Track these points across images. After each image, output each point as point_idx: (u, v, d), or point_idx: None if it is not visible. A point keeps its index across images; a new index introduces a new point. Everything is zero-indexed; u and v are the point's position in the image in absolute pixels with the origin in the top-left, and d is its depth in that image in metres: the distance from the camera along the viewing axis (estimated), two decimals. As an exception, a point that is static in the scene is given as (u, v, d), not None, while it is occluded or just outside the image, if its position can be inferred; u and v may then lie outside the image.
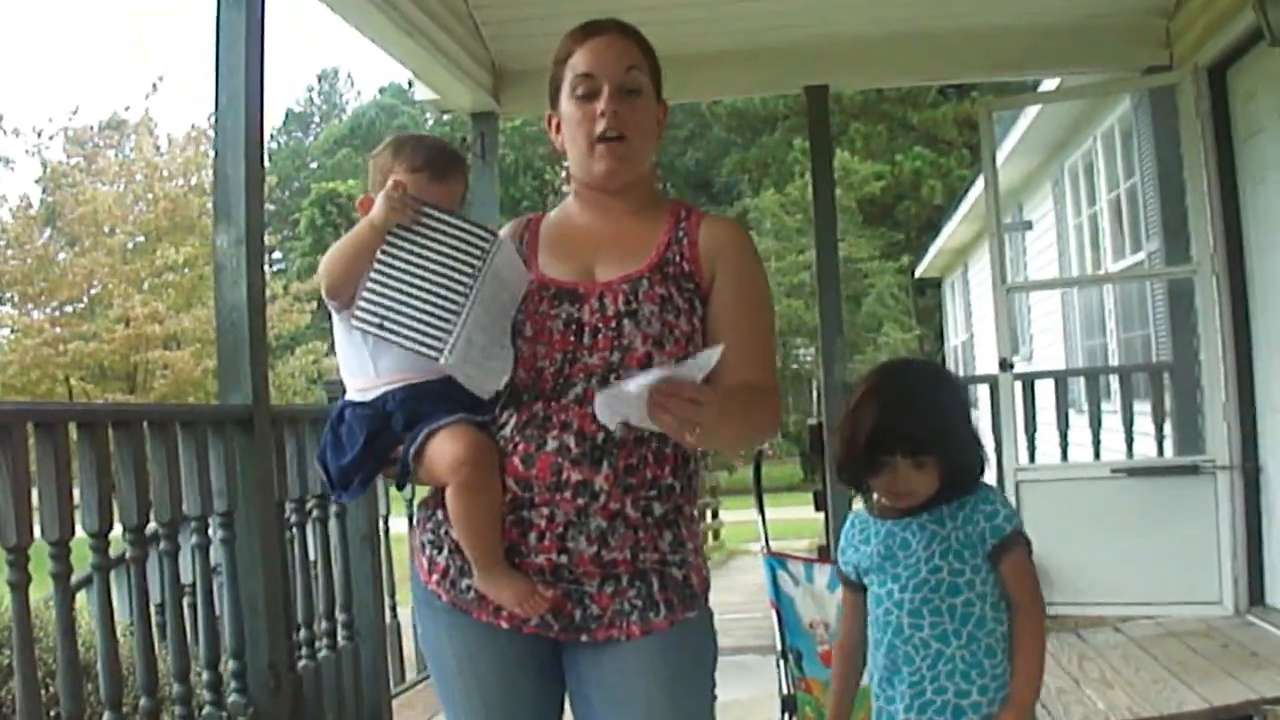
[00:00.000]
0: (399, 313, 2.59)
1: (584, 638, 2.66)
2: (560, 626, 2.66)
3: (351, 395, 2.75)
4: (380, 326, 2.60)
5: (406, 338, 2.58)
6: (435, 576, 2.75)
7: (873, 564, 3.13)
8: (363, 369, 2.72)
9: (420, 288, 2.60)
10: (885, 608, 3.10)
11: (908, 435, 3.01)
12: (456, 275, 2.59)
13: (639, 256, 2.73)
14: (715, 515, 20.42)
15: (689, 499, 2.73)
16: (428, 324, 2.58)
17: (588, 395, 2.58)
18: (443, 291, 2.59)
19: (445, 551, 2.73)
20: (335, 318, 2.75)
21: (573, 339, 2.64)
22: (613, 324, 2.64)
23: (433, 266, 2.61)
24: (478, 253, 2.61)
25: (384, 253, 2.62)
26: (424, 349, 2.58)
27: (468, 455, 2.58)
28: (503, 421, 2.67)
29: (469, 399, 2.67)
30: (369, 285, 2.61)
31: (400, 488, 2.88)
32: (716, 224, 2.82)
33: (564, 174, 2.90)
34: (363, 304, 2.61)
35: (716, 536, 20.27)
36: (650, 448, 2.62)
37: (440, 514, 2.73)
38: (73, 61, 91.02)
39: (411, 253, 2.62)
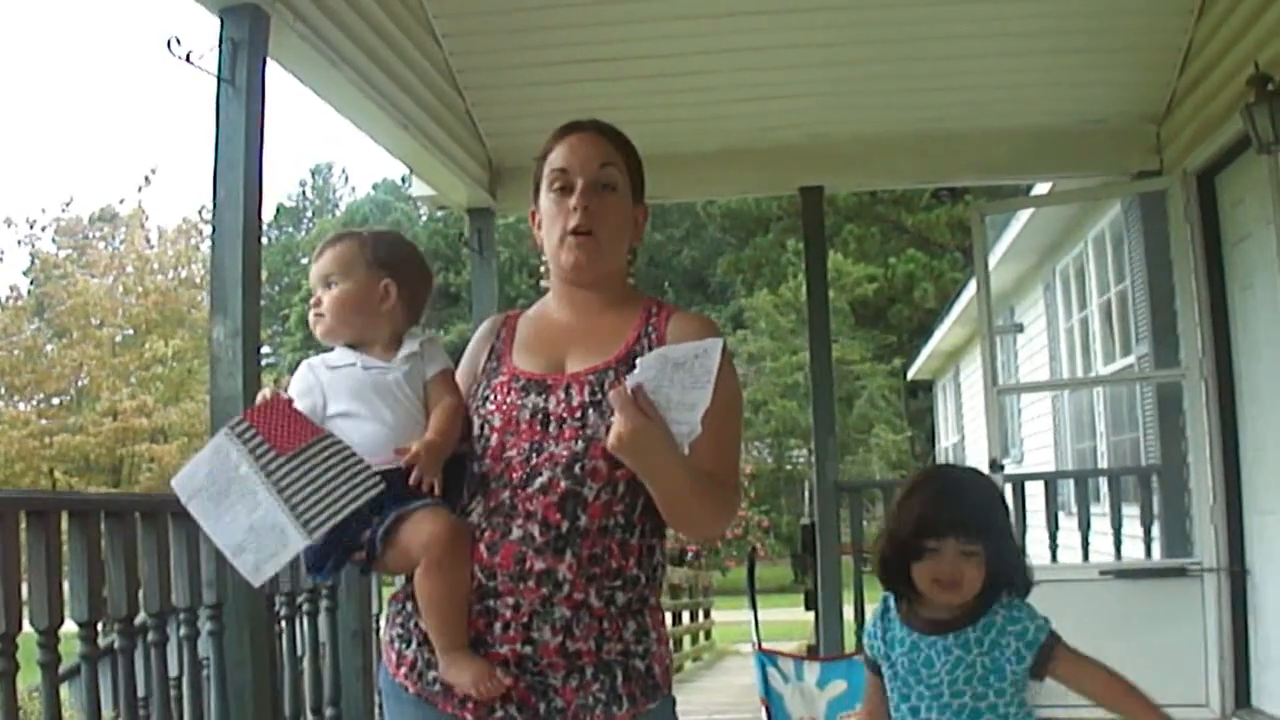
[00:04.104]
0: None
1: None
2: (524, 719, 2.66)
3: None
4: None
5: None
6: (404, 669, 2.77)
7: (895, 672, 3.16)
8: None
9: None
10: None
11: (959, 519, 3.07)
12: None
13: (608, 349, 2.77)
14: (707, 615, 20.33)
15: (654, 589, 2.75)
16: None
17: (553, 485, 2.62)
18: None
19: (413, 644, 2.75)
20: None
21: (539, 429, 2.68)
22: (578, 414, 2.67)
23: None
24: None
25: None
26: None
27: (444, 533, 2.60)
28: (470, 508, 2.69)
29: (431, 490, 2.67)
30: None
31: (365, 572, 2.88)
32: (686, 319, 2.85)
33: (543, 268, 2.96)
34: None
35: (708, 636, 20.20)
36: (615, 539, 2.64)
37: (410, 606, 2.75)
38: (67, 152, 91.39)
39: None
